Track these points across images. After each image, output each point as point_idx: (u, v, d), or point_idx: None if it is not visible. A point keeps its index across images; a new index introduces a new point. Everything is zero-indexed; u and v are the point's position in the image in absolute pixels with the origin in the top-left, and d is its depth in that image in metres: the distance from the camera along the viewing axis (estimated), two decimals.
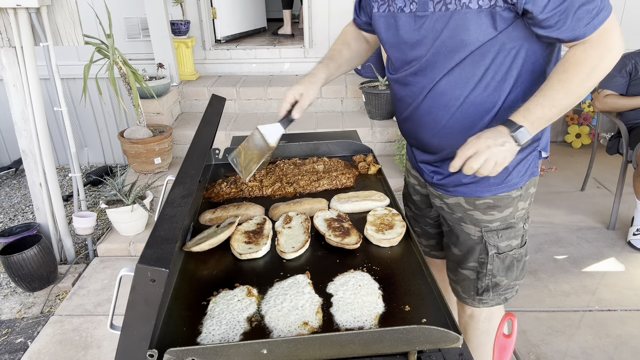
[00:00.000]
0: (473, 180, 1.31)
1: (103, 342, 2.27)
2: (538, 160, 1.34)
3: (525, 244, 1.43)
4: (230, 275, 1.19)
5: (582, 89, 1.13)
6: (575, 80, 1.11)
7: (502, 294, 1.47)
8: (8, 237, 2.68)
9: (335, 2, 4.06)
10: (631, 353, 2.11)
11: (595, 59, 1.10)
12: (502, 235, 1.38)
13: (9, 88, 2.52)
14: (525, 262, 1.46)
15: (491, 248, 1.39)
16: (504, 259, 1.41)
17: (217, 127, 1.70)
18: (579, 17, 1.05)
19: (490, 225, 1.37)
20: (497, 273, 1.42)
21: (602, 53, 1.09)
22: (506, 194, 1.32)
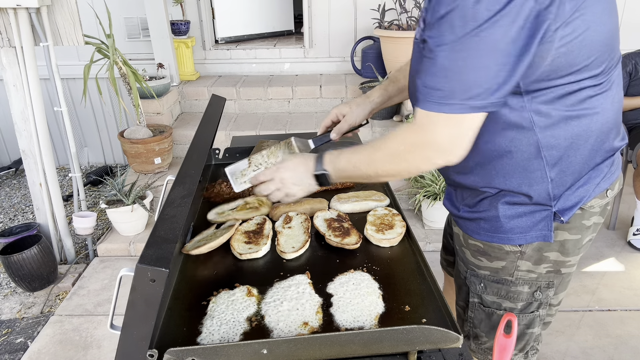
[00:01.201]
0: (466, 216, 1.16)
1: (103, 342, 2.27)
2: (551, 223, 1.06)
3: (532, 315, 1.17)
4: (230, 275, 1.19)
5: (382, 166, 1.02)
6: (379, 154, 1.02)
7: (487, 352, 1.25)
8: (8, 237, 2.68)
9: (335, 2, 4.06)
10: (631, 353, 2.11)
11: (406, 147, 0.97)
12: (488, 287, 1.18)
13: (9, 88, 2.52)
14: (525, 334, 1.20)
15: (473, 295, 1.21)
16: (489, 314, 1.20)
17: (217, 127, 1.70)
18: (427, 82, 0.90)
19: (477, 270, 1.19)
20: (477, 325, 1.24)
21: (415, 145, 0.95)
22: (497, 244, 1.12)
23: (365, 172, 1.05)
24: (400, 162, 0.99)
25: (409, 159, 0.98)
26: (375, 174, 1.05)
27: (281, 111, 4.00)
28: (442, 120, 0.90)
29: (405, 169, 1.00)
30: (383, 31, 3.65)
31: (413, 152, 0.96)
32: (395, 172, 1.02)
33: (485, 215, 1.11)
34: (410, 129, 0.96)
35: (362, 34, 4.06)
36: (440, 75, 0.87)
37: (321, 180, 1.14)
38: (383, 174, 1.04)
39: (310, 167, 1.14)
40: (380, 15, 3.72)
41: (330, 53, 4.25)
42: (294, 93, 3.93)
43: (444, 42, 0.85)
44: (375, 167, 1.04)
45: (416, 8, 3.60)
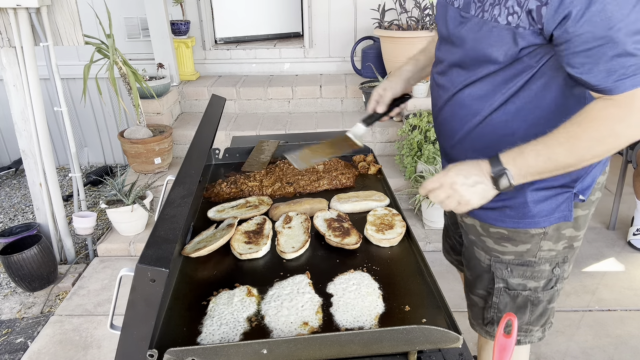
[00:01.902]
0: (488, 206, 1.15)
1: (103, 342, 2.27)
2: (572, 203, 1.14)
3: (552, 290, 1.25)
4: (230, 275, 1.19)
5: (589, 151, 0.97)
6: (584, 137, 0.96)
7: None
8: (8, 237, 2.68)
9: (335, 2, 4.06)
10: (631, 353, 2.11)
11: (616, 121, 0.93)
12: (514, 270, 1.23)
13: (9, 88, 2.52)
14: (547, 309, 1.28)
15: (498, 281, 1.25)
16: (514, 296, 1.26)
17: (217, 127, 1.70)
18: (612, 68, 0.89)
19: (501, 256, 1.23)
20: (503, 309, 1.28)
21: (626, 117, 0.92)
22: (523, 229, 1.17)
23: (564, 162, 0.99)
24: (612, 141, 0.95)
25: (626, 134, 0.94)
26: (577, 161, 0.99)
27: (281, 111, 4.00)
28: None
29: (616, 147, 0.96)
30: (383, 31, 3.65)
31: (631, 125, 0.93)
32: (604, 152, 0.97)
33: (511, 203, 1.15)
34: (616, 105, 0.92)
35: (362, 34, 4.06)
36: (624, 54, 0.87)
37: (500, 182, 1.02)
38: (589, 157, 0.98)
39: (484, 168, 1.03)
40: (380, 15, 3.72)
41: (330, 53, 4.25)
42: (294, 93, 3.93)
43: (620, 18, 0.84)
44: (580, 154, 0.98)
45: (416, 8, 3.60)
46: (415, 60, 1.42)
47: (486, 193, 1.05)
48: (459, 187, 1.04)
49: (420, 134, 3.11)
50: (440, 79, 1.21)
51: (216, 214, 1.46)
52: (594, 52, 0.89)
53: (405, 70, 1.41)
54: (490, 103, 1.09)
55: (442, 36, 1.18)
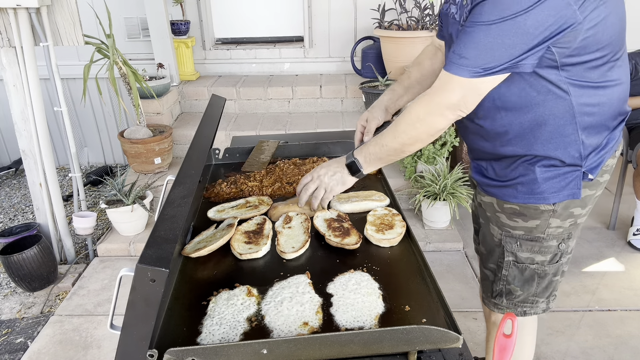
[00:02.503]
0: (501, 184, 1.30)
1: (103, 342, 2.27)
2: (580, 181, 1.23)
3: (558, 264, 1.36)
4: (230, 275, 1.19)
5: (405, 135, 1.17)
6: (401, 122, 1.17)
7: (518, 304, 1.42)
8: (8, 237, 2.68)
9: (335, 2, 4.06)
10: (631, 353, 2.11)
11: (422, 110, 1.13)
12: (523, 245, 1.33)
13: (9, 88, 2.52)
14: (552, 281, 1.39)
15: (508, 254, 1.36)
16: (522, 269, 1.36)
17: (217, 127, 1.70)
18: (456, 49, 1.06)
19: (512, 231, 1.33)
20: (511, 281, 1.39)
21: (429, 101, 1.12)
22: (533, 205, 1.26)
23: (392, 146, 1.21)
24: (420, 125, 1.14)
25: (428, 120, 1.13)
26: (401, 145, 1.20)
27: (281, 111, 4.00)
28: (459, 83, 1.06)
29: (425, 131, 1.15)
30: (383, 31, 3.65)
31: (430, 112, 1.12)
32: (416, 136, 1.17)
33: (522, 179, 1.25)
34: (428, 94, 1.13)
35: (362, 34, 4.06)
36: (470, 47, 1.03)
37: (353, 169, 1.29)
38: (408, 141, 1.18)
39: (340, 160, 1.32)
40: (380, 15, 3.72)
41: (330, 53, 4.25)
42: (294, 93, 3.93)
43: (483, 21, 1.00)
44: (400, 139, 1.18)
45: (416, 8, 3.60)
46: (392, 91, 1.56)
47: (344, 179, 1.32)
48: (323, 177, 1.32)
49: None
50: None
51: (216, 214, 1.46)
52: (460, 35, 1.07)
53: (384, 100, 1.56)
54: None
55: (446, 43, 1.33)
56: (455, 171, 2.85)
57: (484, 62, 1.03)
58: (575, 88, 1.11)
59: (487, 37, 1.00)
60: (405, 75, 1.56)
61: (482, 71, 1.03)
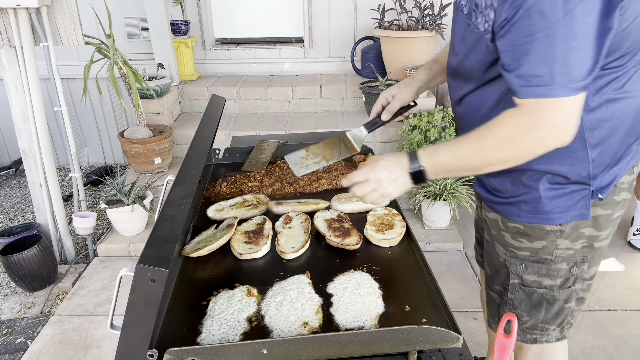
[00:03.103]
0: (505, 201, 1.20)
1: (103, 342, 2.26)
2: (589, 201, 1.13)
3: (570, 289, 1.24)
4: (230, 275, 1.19)
5: (492, 155, 1.01)
6: (488, 141, 1.01)
7: (526, 331, 1.30)
8: (8, 237, 2.68)
9: (335, 2, 4.06)
10: (631, 353, 2.11)
11: (516, 130, 0.97)
12: (528, 267, 1.23)
13: (9, 88, 2.52)
14: (564, 308, 1.26)
15: (513, 276, 1.25)
16: (529, 293, 1.25)
17: (217, 127, 1.70)
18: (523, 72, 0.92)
19: (517, 252, 1.23)
20: (517, 305, 1.28)
21: (526, 128, 0.95)
22: (538, 225, 1.17)
23: (471, 163, 1.04)
24: (512, 148, 0.99)
25: (522, 143, 0.97)
26: (482, 164, 1.04)
27: (281, 111, 4.00)
28: (551, 105, 0.92)
29: (517, 154, 1.00)
30: (383, 31, 3.65)
31: (526, 135, 0.96)
32: (506, 158, 1.01)
33: (526, 197, 1.15)
34: (521, 112, 0.96)
35: (362, 34, 4.05)
36: (537, 62, 0.90)
37: (417, 177, 1.11)
38: (492, 162, 1.03)
39: (404, 165, 1.11)
40: (380, 15, 3.72)
41: (330, 53, 4.25)
42: (294, 93, 3.93)
43: (537, 30, 0.88)
44: (483, 157, 1.02)
45: (416, 8, 3.60)
46: (429, 70, 1.43)
47: (404, 186, 1.14)
48: (383, 182, 1.13)
49: (420, 134, 3.11)
50: (451, 81, 1.25)
51: (215, 213, 1.46)
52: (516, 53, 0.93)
53: (418, 80, 1.43)
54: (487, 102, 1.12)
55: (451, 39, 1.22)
56: None
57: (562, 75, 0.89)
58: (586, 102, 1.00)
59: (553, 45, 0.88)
60: (443, 54, 1.41)
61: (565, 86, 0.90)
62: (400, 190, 1.14)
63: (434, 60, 1.45)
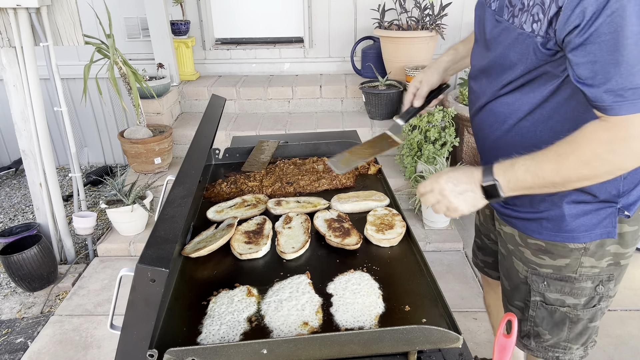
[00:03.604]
0: (523, 216, 1.16)
1: (103, 342, 2.26)
2: (616, 219, 1.09)
3: (595, 308, 1.19)
4: (230, 275, 1.19)
5: (575, 172, 0.93)
6: (571, 158, 0.92)
7: (548, 349, 1.26)
8: (8, 237, 2.68)
9: (335, 2, 4.06)
10: (631, 353, 2.11)
11: (604, 147, 0.88)
12: (551, 285, 1.18)
13: (9, 88, 2.52)
14: (588, 327, 1.21)
15: (535, 294, 1.22)
16: (552, 311, 1.21)
17: (217, 127, 1.70)
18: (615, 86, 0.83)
19: (539, 269, 1.19)
20: (539, 323, 1.24)
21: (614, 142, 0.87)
22: (561, 243, 1.12)
23: (551, 180, 0.96)
24: (600, 165, 0.91)
25: (611, 159, 0.89)
26: (565, 181, 0.96)
27: (281, 111, 4.00)
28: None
29: (605, 172, 0.92)
30: (383, 31, 3.65)
31: (615, 151, 0.88)
32: (592, 175, 0.93)
33: (548, 215, 1.11)
34: (608, 127, 0.88)
35: (362, 34, 4.06)
36: (630, 73, 0.81)
37: (490, 193, 1.02)
38: (575, 179, 0.95)
39: (476, 177, 1.03)
40: (380, 15, 3.72)
41: (330, 53, 4.25)
42: (294, 93, 3.93)
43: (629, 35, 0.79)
44: (566, 174, 0.94)
45: (416, 8, 3.60)
46: (454, 50, 1.39)
47: (476, 202, 1.05)
48: (447, 194, 1.06)
49: (420, 134, 3.11)
50: (473, 84, 1.20)
51: (215, 214, 1.46)
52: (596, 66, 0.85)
53: (443, 61, 1.39)
54: (517, 111, 1.07)
55: (477, 38, 1.17)
56: None
57: None
58: None
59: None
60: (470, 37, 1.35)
61: None
62: (471, 205, 1.06)
63: (461, 41, 1.40)
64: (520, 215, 1.17)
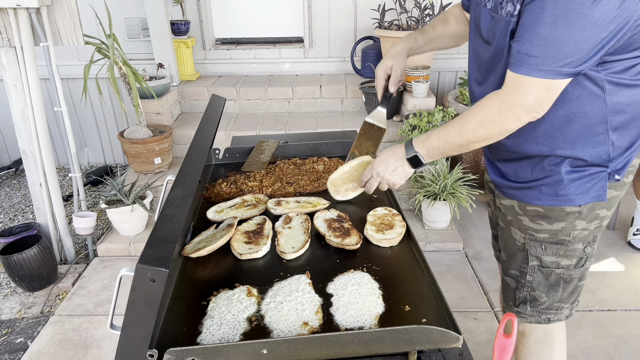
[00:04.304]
0: (523, 186, 1.26)
1: (103, 342, 2.27)
2: (606, 183, 1.20)
3: (583, 268, 1.32)
4: (230, 275, 1.19)
5: (474, 134, 1.13)
6: (471, 121, 1.13)
7: (542, 312, 1.38)
8: (8, 237, 2.68)
9: (335, 2, 4.06)
10: (631, 353, 2.11)
11: (495, 110, 1.09)
12: (547, 248, 1.30)
13: (9, 88, 2.52)
14: (577, 286, 1.35)
15: (532, 258, 1.32)
16: (547, 274, 1.32)
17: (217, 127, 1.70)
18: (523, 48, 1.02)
19: (536, 234, 1.29)
20: (536, 287, 1.34)
21: (504, 109, 1.08)
22: (558, 207, 1.23)
23: (457, 142, 1.17)
24: (492, 126, 1.11)
25: (500, 121, 1.09)
26: (467, 142, 1.16)
27: (281, 111, 4.00)
28: (532, 84, 1.02)
29: (496, 132, 1.12)
30: (383, 31, 3.65)
31: (504, 114, 1.08)
32: (486, 136, 1.13)
33: (547, 181, 1.21)
34: (500, 95, 1.09)
35: (362, 34, 4.05)
36: (537, 44, 0.99)
37: (414, 162, 1.26)
38: (476, 140, 1.15)
39: (400, 154, 1.28)
40: (380, 15, 3.72)
41: (330, 53, 4.25)
42: (294, 93, 3.93)
43: (546, 15, 0.96)
44: (467, 137, 1.15)
45: (416, 8, 3.60)
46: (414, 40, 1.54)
47: (406, 173, 1.30)
48: (384, 175, 1.31)
49: (420, 133, 3.11)
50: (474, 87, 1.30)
51: (215, 214, 1.46)
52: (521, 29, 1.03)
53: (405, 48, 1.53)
54: None
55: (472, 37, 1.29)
56: (455, 171, 2.85)
57: (554, 60, 0.99)
58: (611, 86, 1.08)
59: (554, 32, 0.96)
60: (429, 26, 1.53)
61: (553, 70, 1.00)
62: (403, 177, 1.31)
63: (419, 31, 1.56)
64: (522, 185, 1.26)
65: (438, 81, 4.12)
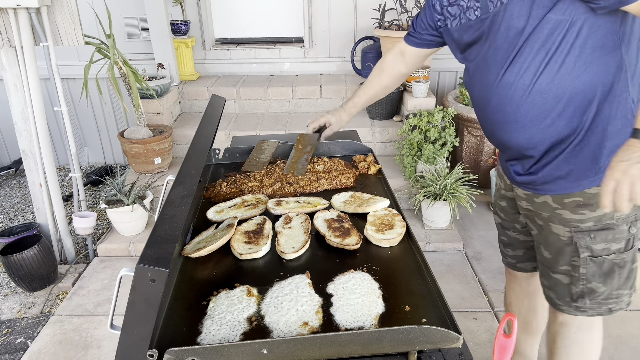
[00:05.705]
0: (559, 176, 1.25)
1: (103, 342, 2.27)
2: None
3: (633, 249, 1.30)
4: (230, 275, 1.19)
5: None
6: None
7: (602, 303, 1.34)
8: (8, 237, 2.68)
9: (335, 2, 4.06)
10: (631, 353, 2.11)
11: None
12: (596, 236, 1.27)
13: (9, 88, 2.52)
14: (632, 269, 1.32)
15: (583, 250, 1.29)
16: (600, 263, 1.29)
17: (217, 127, 1.70)
18: None
19: (581, 225, 1.27)
20: (592, 278, 1.31)
21: None
22: (597, 189, 1.20)
23: None
24: None
25: None
26: None
27: (281, 111, 4.00)
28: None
29: None
30: (383, 31, 3.65)
31: None
32: None
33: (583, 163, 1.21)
34: None
35: (362, 34, 4.06)
36: None
37: None
38: None
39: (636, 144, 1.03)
40: (380, 15, 3.72)
41: (330, 53, 4.25)
42: (294, 93, 3.93)
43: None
44: None
45: (416, 8, 3.60)
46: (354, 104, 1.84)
47: None
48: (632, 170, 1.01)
49: (420, 134, 3.11)
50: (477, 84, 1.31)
51: (215, 214, 1.45)
52: None
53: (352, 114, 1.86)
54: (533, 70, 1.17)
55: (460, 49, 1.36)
56: (455, 171, 2.85)
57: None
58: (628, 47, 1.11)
59: None
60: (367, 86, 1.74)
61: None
62: None
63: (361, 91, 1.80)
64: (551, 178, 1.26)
65: (438, 81, 4.13)
